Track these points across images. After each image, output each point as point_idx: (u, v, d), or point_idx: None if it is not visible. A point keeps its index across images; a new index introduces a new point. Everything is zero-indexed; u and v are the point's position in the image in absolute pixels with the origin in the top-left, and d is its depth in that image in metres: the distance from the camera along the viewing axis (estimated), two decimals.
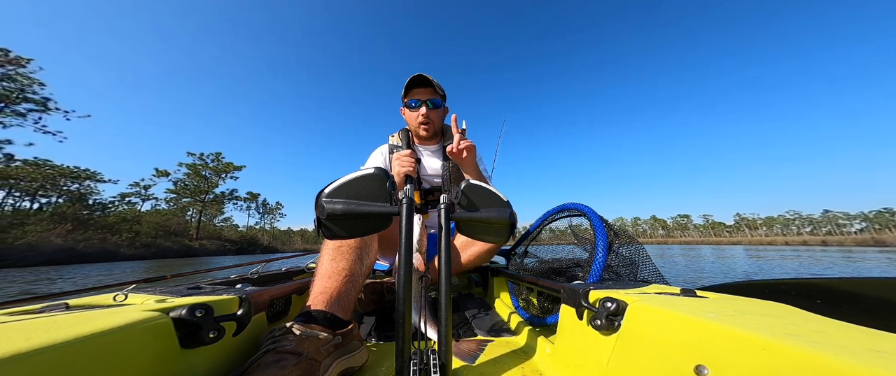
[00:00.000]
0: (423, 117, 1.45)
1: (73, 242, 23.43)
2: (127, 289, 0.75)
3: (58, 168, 35.43)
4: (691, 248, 42.65)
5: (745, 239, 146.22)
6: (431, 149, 1.59)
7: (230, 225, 56.08)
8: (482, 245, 1.29)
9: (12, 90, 23.66)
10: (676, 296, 0.61)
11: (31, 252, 19.82)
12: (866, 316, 0.55)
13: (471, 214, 0.70)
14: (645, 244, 0.98)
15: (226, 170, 47.01)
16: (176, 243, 33.70)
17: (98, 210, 35.58)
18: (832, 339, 0.35)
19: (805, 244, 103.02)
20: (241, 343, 0.69)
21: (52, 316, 0.47)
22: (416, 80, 1.43)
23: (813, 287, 0.63)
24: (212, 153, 46.19)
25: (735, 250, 33.42)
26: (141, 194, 43.87)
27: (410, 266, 0.61)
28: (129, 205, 41.86)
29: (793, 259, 16.14)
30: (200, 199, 44.69)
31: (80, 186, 37.20)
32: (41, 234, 22.39)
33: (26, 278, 10.61)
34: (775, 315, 0.46)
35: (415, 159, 1.31)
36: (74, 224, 27.05)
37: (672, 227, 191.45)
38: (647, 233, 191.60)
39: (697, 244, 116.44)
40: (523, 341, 0.94)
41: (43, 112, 25.58)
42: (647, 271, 0.88)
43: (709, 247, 60.51)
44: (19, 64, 23.15)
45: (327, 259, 0.85)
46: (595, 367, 0.62)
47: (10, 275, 12.20)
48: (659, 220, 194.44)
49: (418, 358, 0.58)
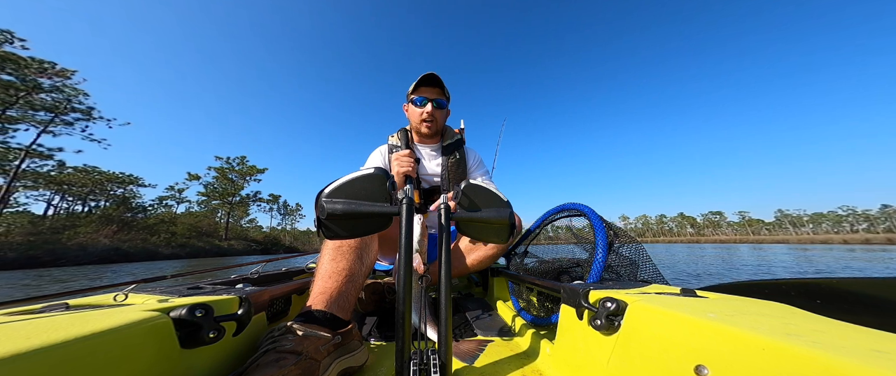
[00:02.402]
0: (428, 115, 1.46)
1: (119, 242, 25.29)
2: (127, 289, 0.75)
3: (105, 174, 38.57)
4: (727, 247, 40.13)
5: (792, 237, 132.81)
6: (431, 148, 1.59)
7: (255, 226, 58.46)
8: (485, 250, 1.27)
9: (61, 101, 25.68)
10: (676, 296, 0.60)
11: (82, 252, 21.56)
12: (866, 316, 0.53)
13: (471, 214, 0.70)
14: (672, 243, 0.94)
15: (250, 173, 48.99)
16: (207, 243, 35.52)
17: (140, 212, 38.38)
18: (832, 339, 0.35)
19: (867, 242, 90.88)
20: (242, 343, 0.69)
21: (52, 316, 0.47)
22: (428, 79, 1.45)
23: (813, 287, 0.61)
24: (237, 157, 48.49)
25: (779, 249, 31.04)
26: (176, 197, 46.78)
27: (410, 266, 0.60)
28: (166, 207, 44.78)
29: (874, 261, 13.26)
30: (228, 202, 46.91)
31: (124, 191, 40.27)
32: (90, 235, 24.35)
33: (87, 274, 11.80)
34: (775, 315, 0.46)
35: (414, 159, 1.31)
36: (119, 225, 29.23)
37: (702, 225, 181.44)
38: (673, 231, 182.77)
39: (733, 242, 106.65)
40: (523, 341, 0.94)
41: (88, 120, 27.64)
42: (647, 271, 0.85)
43: (746, 245, 56.24)
44: (65, 75, 25.05)
45: (327, 259, 0.85)
46: (595, 367, 0.62)
47: (68, 271, 13.53)
48: (687, 218, 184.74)
49: (418, 358, 0.58)
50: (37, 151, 26.64)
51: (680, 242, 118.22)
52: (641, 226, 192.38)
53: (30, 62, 22.94)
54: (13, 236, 19.79)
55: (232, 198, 47.38)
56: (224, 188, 47.16)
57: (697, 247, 46.26)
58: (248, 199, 51.79)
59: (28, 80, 23.28)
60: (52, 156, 28.16)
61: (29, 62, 22.89)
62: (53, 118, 25.75)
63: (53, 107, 25.45)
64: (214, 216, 45.69)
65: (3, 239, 18.81)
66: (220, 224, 44.69)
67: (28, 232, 21.19)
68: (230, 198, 47.20)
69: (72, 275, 10.97)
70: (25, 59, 22.66)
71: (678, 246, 52.65)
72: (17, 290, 7.56)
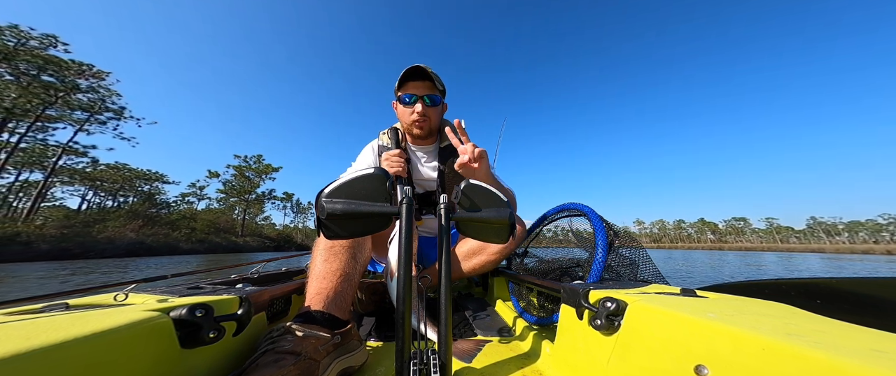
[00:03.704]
0: (419, 115, 1.26)
1: (143, 237, 26.47)
2: (127, 289, 0.75)
3: (134, 171, 40.70)
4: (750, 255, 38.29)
5: (827, 246, 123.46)
6: (425, 150, 1.43)
7: (269, 223, 60.09)
8: (487, 255, 1.22)
9: (96, 101, 27.33)
10: (676, 296, 0.59)
11: (110, 245, 22.73)
12: (866, 316, 0.52)
13: (470, 214, 0.70)
14: (692, 249, 0.92)
15: (266, 172, 50.44)
16: (224, 239, 36.64)
17: (163, 208, 40.10)
18: (832, 339, 0.35)
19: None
20: (241, 343, 0.69)
21: (52, 316, 0.47)
22: (413, 72, 1.24)
23: (813, 287, 0.60)
24: (254, 155, 50.12)
25: (812, 259, 29.18)
26: (197, 194, 48.74)
27: (410, 266, 0.60)
28: (187, 204, 46.72)
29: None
30: (245, 199, 48.48)
31: (150, 187, 42.35)
32: (118, 230, 25.58)
33: (117, 266, 12.39)
34: (775, 315, 0.46)
35: (405, 159, 1.25)
36: (144, 220, 30.67)
37: (724, 231, 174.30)
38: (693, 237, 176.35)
39: (759, 250, 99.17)
40: (523, 341, 0.94)
41: (119, 120, 29.21)
42: (647, 271, 0.84)
43: (773, 253, 53.15)
44: (100, 77, 26.72)
45: (320, 260, 0.84)
46: (595, 367, 0.61)
47: (101, 263, 14.30)
48: (708, 223, 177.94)
49: (418, 359, 0.57)
50: (73, 148, 28.42)
51: (700, 249, 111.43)
52: (657, 231, 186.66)
53: (70, 64, 24.50)
54: (47, 228, 21.03)
55: (249, 196, 48.90)
56: (242, 186, 48.75)
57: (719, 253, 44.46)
58: (264, 197, 53.35)
59: (67, 81, 24.82)
60: (86, 153, 30.02)
61: (69, 64, 24.45)
62: (89, 117, 27.33)
63: (89, 106, 27.05)
64: (232, 213, 47.25)
65: (38, 231, 20.01)
66: (236, 221, 46.13)
67: (61, 224, 22.51)
68: (247, 195, 48.72)
69: (100, 267, 11.53)
70: (66, 61, 24.21)
71: (698, 253, 50.36)
72: (59, 281, 7.90)
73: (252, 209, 50.66)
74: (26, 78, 22.60)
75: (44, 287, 6.93)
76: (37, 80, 23.11)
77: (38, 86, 23.26)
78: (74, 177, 32.19)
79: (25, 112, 23.10)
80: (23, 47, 22.06)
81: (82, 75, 25.46)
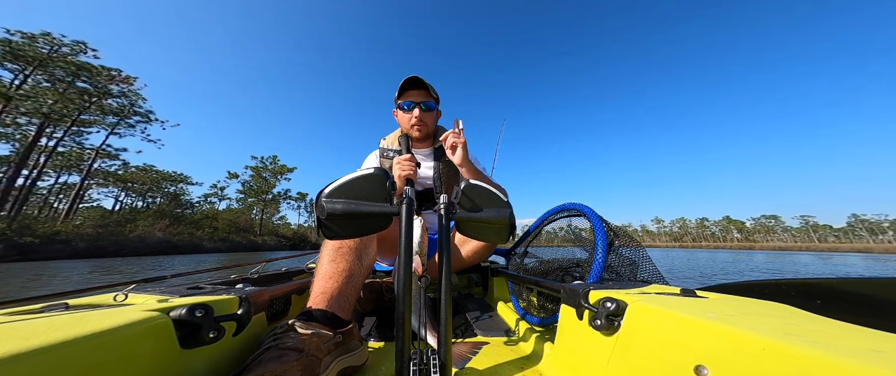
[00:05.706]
0: (417, 119, 1.44)
1: (170, 236, 27.88)
2: (127, 289, 0.75)
3: (161, 173, 42.79)
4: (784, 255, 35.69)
5: (875, 246, 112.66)
6: (423, 152, 1.58)
7: (285, 223, 61.66)
8: (479, 242, 1.25)
9: (125, 105, 28.75)
10: (676, 297, 0.59)
11: (140, 243, 24.05)
12: (866, 316, 0.51)
13: (470, 214, 0.70)
14: (718, 248, 0.89)
15: (281, 172, 51.98)
16: (244, 238, 38.05)
17: (188, 208, 42.04)
18: (832, 339, 0.35)
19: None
20: (241, 343, 0.70)
21: (52, 316, 0.47)
22: (411, 82, 1.43)
23: (813, 287, 0.60)
24: (270, 156, 51.71)
25: (854, 259, 27.06)
26: (218, 194, 50.80)
27: (410, 266, 0.60)
28: (209, 204, 48.78)
29: None
30: (262, 199, 50.11)
31: (175, 188, 44.38)
32: (147, 229, 27.03)
33: (150, 264, 12.80)
34: (775, 315, 0.46)
35: (415, 163, 1.29)
36: (171, 220, 32.22)
37: (752, 230, 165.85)
38: (717, 236, 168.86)
39: (794, 250, 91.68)
40: (523, 341, 0.94)
41: (147, 123, 30.67)
42: (647, 271, 0.82)
43: (809, 254, 49.12)
44: (129, 82, 28.10)
45: (327, 260, 0.86)
46: (595, 367, 0.61)
47: (133, 261, 14.89)
48: (734, 222, 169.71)
49: (418, 359, 0.57)
50: (106, 151, 30.11)
51: (726, 249, 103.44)
52: (678, 230, 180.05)
53: (101, 70, 25.86)
54: (85, 228, 22.50)
55: (266, 196, 50.49)
56: (259, 186, 50.39)
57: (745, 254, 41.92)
58: (280, 197, 54.94)
59: (100, 87, 26.21)
60: (118, 156, 31.75)
61: (100, 70, 25.81)
62: (119, 121, 28.80)
63: (119, 110, 28.46)
64: (250, 213, 48.92)
65: (76, 230, 21.40)
66: (255, 220, 47.80)
67: (97, 224, 24.04)
68: (264, 195, 50.30)
69: (134, 266, 11.97)
70: (97, 67, 25.59)
71: (724, 253, 46.95)
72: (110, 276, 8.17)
73: (269, 209, 52.28)
74: (62, 84, 23.93)
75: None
76: (72, 86, 24.47)
77: (73, 91, 24.63)
78: (108, 179, 34.08)
79: (62, 117, 24.48)
80: (56, 54, 23.29)
81: (113, 80, 26.82)
